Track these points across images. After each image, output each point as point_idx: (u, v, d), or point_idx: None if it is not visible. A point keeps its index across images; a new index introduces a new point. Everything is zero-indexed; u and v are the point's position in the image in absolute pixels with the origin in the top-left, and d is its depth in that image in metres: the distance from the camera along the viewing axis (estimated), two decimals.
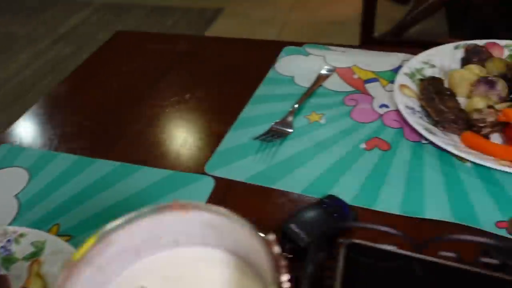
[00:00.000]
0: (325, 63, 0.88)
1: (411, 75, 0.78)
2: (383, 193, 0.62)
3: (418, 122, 0.68)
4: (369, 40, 1.51)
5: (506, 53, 0.82)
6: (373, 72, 0.85)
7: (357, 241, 0.39)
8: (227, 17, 3.42)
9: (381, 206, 0.60)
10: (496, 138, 0.67)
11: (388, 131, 0.72)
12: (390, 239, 0.41)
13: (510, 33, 0.87)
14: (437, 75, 0.79)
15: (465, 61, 0.81)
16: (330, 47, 0.93)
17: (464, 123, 0.67)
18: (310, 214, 0.58)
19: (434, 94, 0.70)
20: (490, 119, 0.65)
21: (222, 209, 0.34)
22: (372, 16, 1.49)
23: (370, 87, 0.82)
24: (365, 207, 0.61)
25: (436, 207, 0.59)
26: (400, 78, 0.77)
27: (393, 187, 0.63)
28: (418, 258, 0.37)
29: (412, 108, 0.71)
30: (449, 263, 0.37)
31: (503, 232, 0.56)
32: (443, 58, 0.82)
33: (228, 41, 0.98)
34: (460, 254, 0.38)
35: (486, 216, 0.57)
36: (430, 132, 0.66)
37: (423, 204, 0.60)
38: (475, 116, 0.66)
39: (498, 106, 0.69)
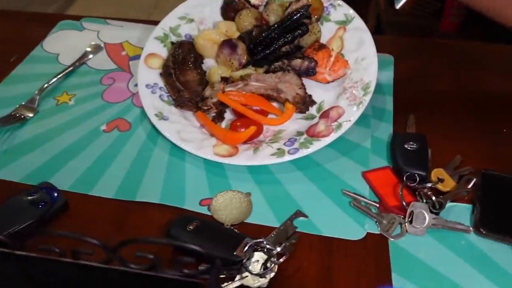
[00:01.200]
0: (98, 38, 0.85)
1: (163, 38, 0.74)
2: (105, 177, 0.61)
3: (153, 104, 0.67)
4: None
5: None
6: (142, 48, 0.83)
7: None
8: None
9: (97, 191, 0.60)
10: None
11: (134, 110, 0.71)
12: None
13: None
14: (194, 32, 0.76)
15: (224, 13, 0.78)
16: (110, 21, 0.89)
17: (199, 100, 0.67)
18: (14, 205, 0.56)
19: (173, 68, 0.69)
20: (214, 100, 0.66)
21: None
22: None
23: (134, 64, 0.79)
24: (82, 193, 0.60)
25: (150, 190, 0.59)
26: (150, 45, 0.73)
27: (117, 170, 0.62)
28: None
29: (154, 85, 0.70)
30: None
31: (204, 210, 0.57)
32: (203, 10, 0.78)
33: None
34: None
35: (194, 195, 0.59)
36: (162, 117, 0.65)
37: (138, 187, 0.60)
38: (206, 93, 0.67)
39: (236, 74, 0.69)
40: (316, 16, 0.74)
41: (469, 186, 0.58)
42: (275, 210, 0.57)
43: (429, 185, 0.57)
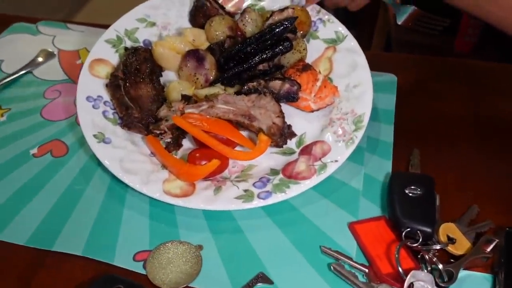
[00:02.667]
0: (52, 44, 0.73)
1: (115, 42, 0.62)
2: (20, 217, 0.49)
3: (92, 122, 0.54)
4: None
5: (249, 1, 0.66)
6: None
7: None
8: None
9: (7, 235, 0.47)
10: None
11: (76, 131, 0.58)
12: None
13: None
14: (155, 38, 0.63)
15: (192, 18, 0.65)
16: (70, 25, 0.77)
17: (151, 121, 0.54)
18: None
19: (122, 79, 0.57)
20: (169, 122, 0.53)
21: None
22: None
23: None
24: None
25: (73, 237, 0.47)
26: (98, 49, 0.61)
27: (36, 208, 0.49)
28: None
29: (97, 98, 0.57)
30: None
31: (139, 267, 0.44)
32: (168, 13, 0.65)
33: None
34: None
35: (129, 246, 0.46)
36: (102, 139, 0.52)
37: (59, 232, 0.47)
38: (161, 113, 0.54)
39: (200, 92, 0.57)
40: (301, 32, 0.61)
41: (489, 249, 0.44)
42: (231, 271, 0.44)
43: (436, 247, 0.43)
